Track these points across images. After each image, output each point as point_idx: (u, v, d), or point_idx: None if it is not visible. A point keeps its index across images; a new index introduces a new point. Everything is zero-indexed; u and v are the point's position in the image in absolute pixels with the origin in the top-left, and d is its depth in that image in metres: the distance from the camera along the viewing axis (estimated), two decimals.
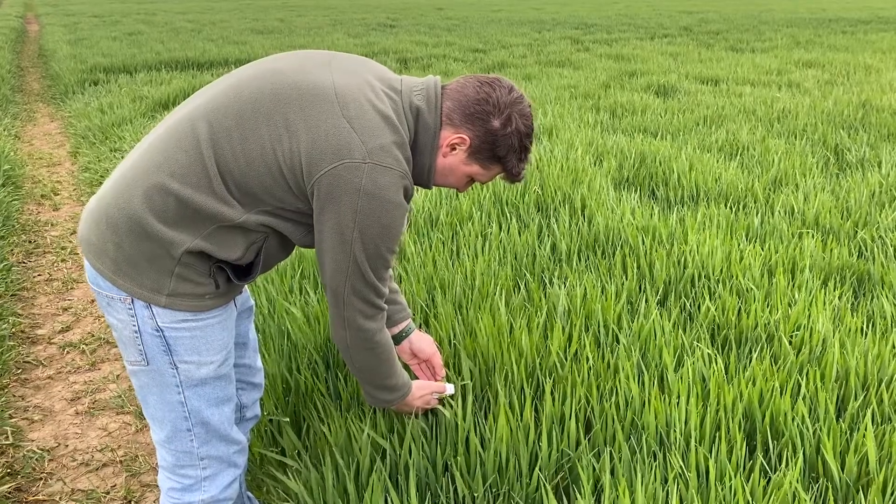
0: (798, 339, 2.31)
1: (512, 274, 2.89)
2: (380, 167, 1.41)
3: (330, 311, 1.57)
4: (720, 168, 4.37)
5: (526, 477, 1.77)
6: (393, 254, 1.53)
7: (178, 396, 1.52)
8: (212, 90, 1.49)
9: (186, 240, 1.41)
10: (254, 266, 1.54)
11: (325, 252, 1.48)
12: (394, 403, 1.78)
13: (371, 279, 1.51)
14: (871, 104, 6.43)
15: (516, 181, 1.65)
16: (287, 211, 1.47)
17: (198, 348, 1.50)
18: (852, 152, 4.89)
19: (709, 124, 5.92)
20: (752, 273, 2.78)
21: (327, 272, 1.51)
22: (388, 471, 1.79)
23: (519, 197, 3.82)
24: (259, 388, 1.91)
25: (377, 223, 1.44)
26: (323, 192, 1.41)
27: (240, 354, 1.81)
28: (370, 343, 1.60)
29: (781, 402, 1.91)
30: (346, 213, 1.42)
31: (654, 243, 3.10)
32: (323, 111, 1.41)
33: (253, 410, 1.91)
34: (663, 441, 1.86)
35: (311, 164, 1.39)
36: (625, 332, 2.34)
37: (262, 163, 1.40)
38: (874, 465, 1.70)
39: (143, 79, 9.12)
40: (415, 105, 1.53)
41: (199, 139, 1.40)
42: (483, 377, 2.08)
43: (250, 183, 1.41)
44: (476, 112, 1.53)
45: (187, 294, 1.46)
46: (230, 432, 1.61)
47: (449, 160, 1.58)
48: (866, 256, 3.16)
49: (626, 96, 7.17)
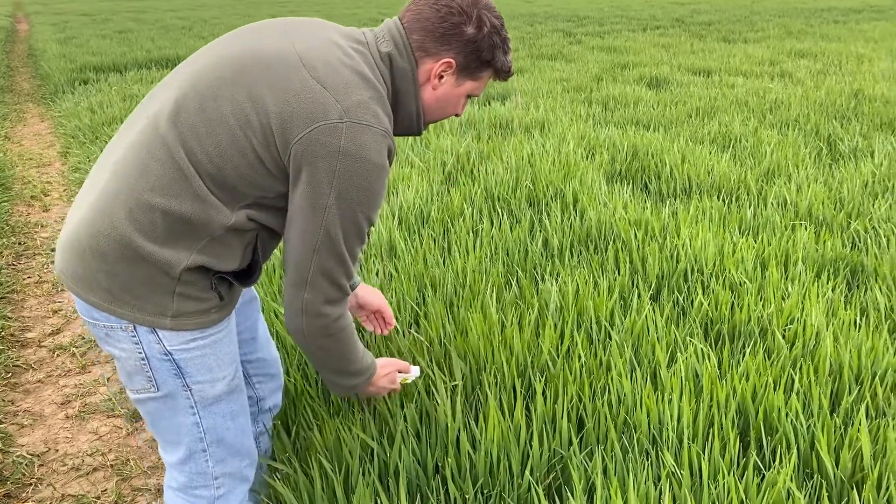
0: (791, 332, 2.29)
1: (503, 270, 2.87)
2: (359, 125, 1.30)
3: (287, 294, 1.42)
4: (713, 160, 4.35)
5: (517, 478, 1.75)
6: (371, 226, 1.41)
7: (193, 418, 1.46)
8: (169, 90, 1.37)
9: (183, 257, 1.33)
10: (254, 265, 1.46)
11: (293, 223, 1.36)
12: (358, 388, 1.64)
13: (343, 254, 1.38)
14: (864, 94, 6.42)
15: (508, 77, 1.54)
16: (269, 199, 1.37)
17: (209, 366, 1.44)
18: (845, 142, 4.88)
19: (701, 116, 5.90)
20: (745, 266, 2.77)
21: (292, 247, 1.37)
22: (377, 473, 1.77)
23: (511, 192, 3.80)
24: (276, 377, 1.87)
25: (357, 186, 1.32)
26: (298, 159, 1.30)
27: (251, 349, 1.77)
28: (330, 330, 1.46)
29: (775, 398, 1.90)
30: (323, 177, 1.30)
31: (646, 237, 3.08)
32: (288, 76, 1.31)
33: (272, 400, 1.89)
34: (656, 439, 1.85)
35: (285, 132, 1.29)
36: (617, 328, 2.32)
37: (233, 149, 1.30)
38: (869, 461, 1.68)
39: (134, 77, 9.07)
40: (384, 52, 1.43)
41: (167, 144, 1.30)
42: (474, 376, 2.06)
43: (225, 173, 1.31)
44: (447, 30, 1.43)
45: (192, 312, 1.38)
46: (244, 444, 1.57)
47: (440, 91, 1.49)
48: (859, 248, 3.14)
49: (619, 89, 7.14)
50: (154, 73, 9.29)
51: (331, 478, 1.73)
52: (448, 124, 5.56)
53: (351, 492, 1.72)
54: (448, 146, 4.68)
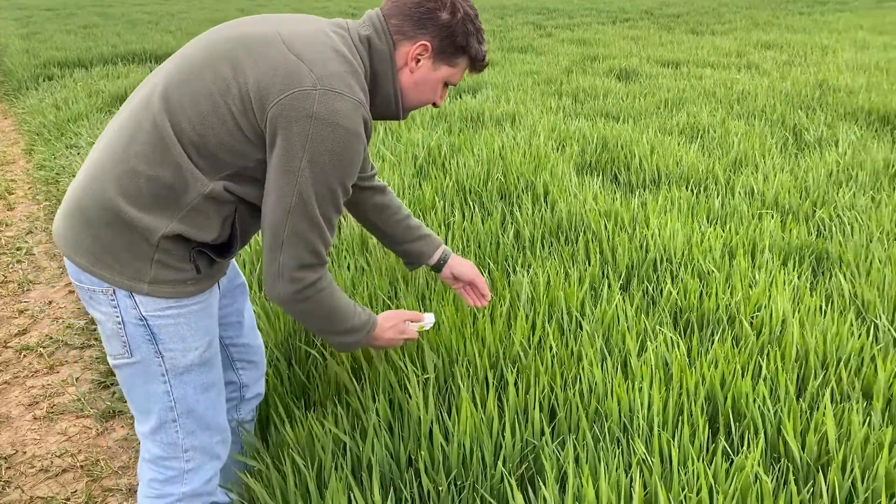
0: (759, 320, 2.33)
1: (475, 262, 2.88)
2: (332, 92, 1.37)
3: (265, 260, 1.47)
4: (681, 151, 4.39)
5: (490, 469, 1.76)
6: (346, 193, 1.46)
7: (164, 386, 1.51)
8: (161, 71, 1.47)
9: (163, 224, 1.40)
10: (232, 240, 1.51)
11: (270, 184, 1.41)
12: (360, 343, 1.71)
13: (316, 218, 1.42)
14: (828, 84, 6.51)
15: (482, 67, 1.63)
16: (247, 168, 1.42)
17: (182, 335, 1.49)
18: (810, 132, 4.95)
19: (670, 107, 5.95)
20: (713, 255, 2.80)
21: (269, 210, 1.42)
22: (350, 467, 1.76)
23: (482, 185, 3.80)
24: (259, 365, 1.91)
25: (329, 151, 1.37)
26: (274, 123, 1.36)
27: (237, 333, 1.82)
28: (306, 294, 1.49)
29: (743, 384, 1.92)
30: (296, 141, 1.36)
31: (616, 228, 3.11)
32: (268, 51, 1.40)
33: (254, 390, 1.92)
34: (627, 427, 1.86)
35: (261, 99, 1.36)
36: (588, 318, 2.34)
37: (214, 117, 1.37)
38: (834, 444, 1.72)
39: (100, 73, 8.91)
40: (363, 35, 1.52)
41: (154, 116, 1.39)
42: (446, 369, 2.07)
43: (207, 142, 1.38)
44: (422, 14, 1.52)
45: (169, 281, 1.44)
46: (215, 420, 1.61)
47: (417, 74, 1.56)
48: (825, 235, 3.20)
49: (589, 81, 7.18)
50: (121, 69, 9.13)
51: (304, 473, 1.73)
52: (419, 117, 5.55)
53: (324, 487, 1.72)
54: (419, 139, 4.67)
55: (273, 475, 1.76)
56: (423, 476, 1.71)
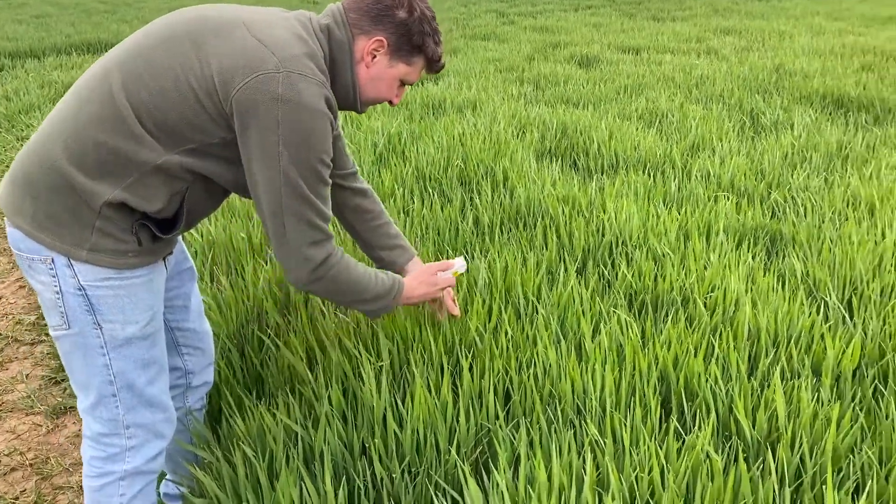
0: (712, 300, 2.34)
1: (434, 250, 2.86)
2: (295, 74, 1.41)
3: (275, 251, 1.55)
4: (639, 136, 4.41)
5: (445, 454, 1.75)
6: (326, 167, 1.51)
7: (103, 359, 1.50)
8: (124, 45, 1.48)
9: (107, 191, 1.40)
10: (178, 217, 1.52)
11: (255, 174, 1.46)
12: (391, 307, 1.80)
13: (307, 195, 1.49)
14: (785, 68, 6.60)
15: (439, 67, 1.68)
16: (211, 146, 1.45)
17: (122, 307, 1.49)
18: (767, 116, 5.01)
19: (629, 93, 5.98)
20: (668, 238, 2.82)
21: (261, 196, 1.48)
22: (302, 457, 1.74)
23: (442, 172, 3.78)
24: (206, 353, 1.89)
25: (300, 130, 1.42)
26: (241, 108, 1.40)
27: (182, 317, 1.80)
28: (321, 272, 1.58)
29: (695, 364, 1.93)
30: (268, 125, 1.40)
31: (573, 213, 3.11)
32: (232, 35, 1.43)
33: (202, 377, 1.90)
34: (580, 409, 1.86)
35: (225, 83, 1.39)
36: (544, 302, 2.34)
37: (175, 93, 1.39)
38: (783, 421, 1.73)
39: (53, 63, 8.71)
40: (323, 24, 1.56)
41: (111, 87, 1.40)
42: (402, 356, 2.05)
43: (168, 116, 1.40)
44: (380, 11, 1.57)
45: (109, 250, 1.44)
46: (157, 397, 1.59)
47: (373, 69, 1.60)
48: (779, 217, 3.23)
49: (550, 68, 7.18)
50: (75, 59, 8.93)
51: (254, 465, 1.70)
52: (380, 105, 5.50)
53: (275, 478, 1.69)
54: (379, 127, 4.63)
55: (224, 467, 1.73)
56: (375, 464, 1.69)
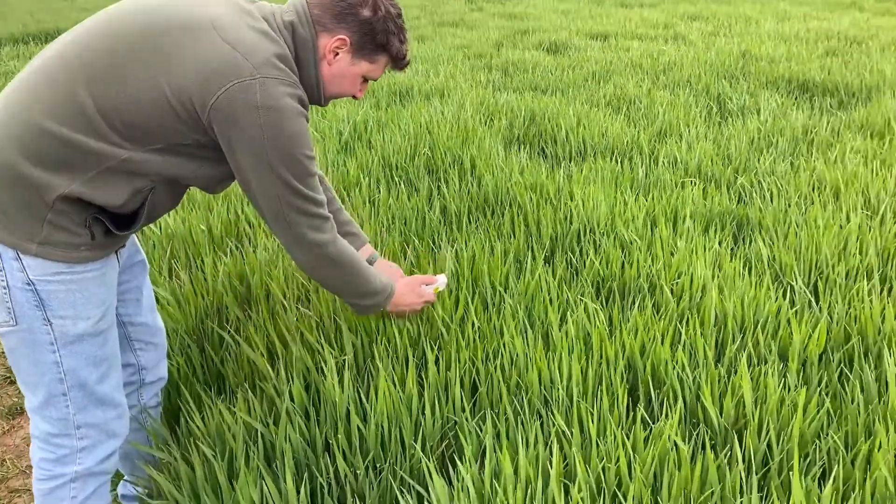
0: (679, 287, 2.33)
1: (400, 240, 2.81)
2: (270, 79, 1.42)
3: (280, 239, 1.60)
4: (607, 122, 4.39)
5: (410, 449, 1.71)
6: (311, 159, 1.54)
7: (53, 356, 1.45)
8: (82, 27, 1.43)
9: (63, 184, 1.35)
10: (137, 215, 1.48)
11: (248, 181, 1.49)
12: (383, 305, 1.86)
13: (302, 190, 1.52)
14: (751, 54, 6.62)
15: (404, 65, 1.69)
16: (181, 146, 1.44)
17: (73, 302, 1.44)
18: (733, 101, 5.02)
19: (597, 79, 5.96)
20: (636, 225, 2.80)
21: (259, 200, 1.52)
22: (263, 456, 1.69)
23: (409, 160, 3.73)
24: (159, 348, 1.83)
25: (284, 133, 1.45)
26: (221, 120, 1.40)
27: (135, 311, 1.74)
28: (329, 256, 1.63)
29: (662, 351, 1.92)
30: (253, 133, 1.42)
31: (541, 200, 3.08)
32: (201, 38, 1.40)
33: (156, 373, 1.84)
34: (548, 400, 1.84)
35: (201, 94, 1.38)
36: (511, 291, 2.30)
37: (145, 95, 1.37)
38: (750, 407, 1.72)
39: (9, 53, 8.49)
40: (287, 21, 1.54)
41: (73, 78, 1.35)
42: (366, 350, 2.00)
43: (136, 116, 1.38)
44: (343, 9, 1.56)
45: (60, 243, 1.39)
46: (109, 395, 1.54)
47: (335, 67, 1.60)
48: (745, 202, 3.24)
49: (518, 54, 7.14)
50: (32, 48, 8.70)
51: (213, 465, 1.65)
52: None
53: (234, 478, 1.65)
54: (345, 115, 4.57)
55: (182, 467, 1.68)
56: (338, 460, 1.65)
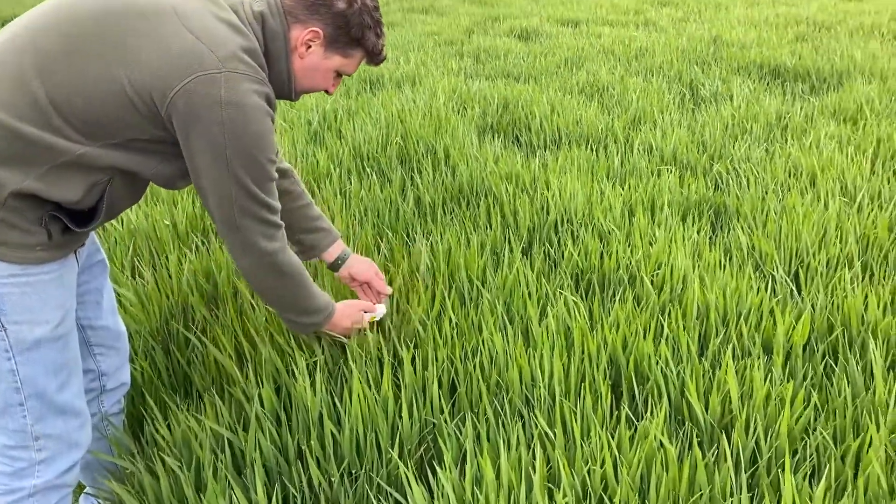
0: (659, 278, 2.28)
1: (373, 233, 2.73)
2: (236, 74, 1.34)
3: (226, 242, 1.51)
4: (581, 110, 4.34)
5: (387, 454, 1.64)
6: (272, 163, 1.46)
7: (9, 364, 1.36)
8: (37, 10, 1.34)
9: (16, 180, 1.27)
10: (96, 211, 1.40)
11: (202, 179, 1.41)
12: (321, 326, 1.75)
13: (258, 195, 1.44)
14: (722, 39, 6.61)
15: (380, 61, 1.61)
16: (139, 141, 1.36)
17: (30, 307, 1.35)
18: (706, 87, 4.99)
19: (570, 66, 5.90)
20: (613, 214, 2.75)
21: (211, 200, 1.43)
22: (232, 465, 1.61)
23: (380, 150, 3.64)
24: (121, 352, 1.73)
25: (247, 132, 1.37)
26: (181, 113, 1.32)
27: (94, 314, 1.64)
28: (276, 265, 1.55)
29: (645, 346, 1.86)
30: (213, 130, 1.34)
31: (517, 190, 3.02)
32: (163, 27, 1.32)
33: (117, 379, 1.73)
34: (529, 399, 1.78)
35: (162, 87, 1.30)
36: (489, 285, 2.24)
37: (102, 88, 1.29)
38: (737, 404, 1.68)
39: None
40: (256, 11, 1.47)
41: (23, 68, 1.27)
42: (336, 351, 1.92)
43: (92, 109, 1.30)
44: (317, 0, 1.48)
45: (14, 244, 1.31)
46: (70, 403, 1.44)
47: (308, 60, 1.52)
48: (722, 189, 3.20)
49: (490, 41, 7.06)
50: None
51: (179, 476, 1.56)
52: None
53: (202, 489, 1.56)
54: (314, 104, 4.46)
55: (146, 479, 1.59)
56: (312, 468, 1.58)
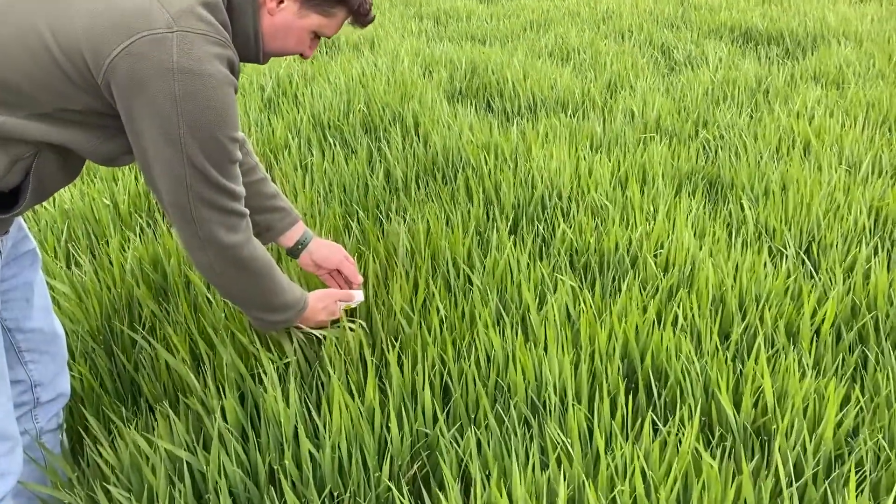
0: (663, 257, 2.07)
1: (342, 211, 2.46)
2: (192, 34, 1.13)
3: (180, 235, 1.29)
4: (554, 74, 4.10)
5: (375, 472, 1.40)
6: (235, 142, 1.25)
7: None
8: None
9: None
10: (20, 192, 1.20)
11: (150, 161, 1.19)
12: (293, 322, 1.52)
13: (218, 180, 1.24)
14: (690, 2, 6.42)
15: (367, 21, 1.38)
16: (71, 112, 1.15)
17: None
18: (679, 50, 4.80)
19: (536, 29, 5.65)
20: (604, 187, 2.53)
21: (161, 186, 1.22)
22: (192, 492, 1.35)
23: (343, 117, 3.35)
24: (57, 358, 1.46)
25: (206, 107, 1.16)
26: (122, 81, 1.11)
27: (23, 315, 1.38)
28: (240, 260, 1.33)
29: (663, 338, 1.65)
30: (164, 103, 1.13)
31: (497, 162, 2.77)
32: None
33: (53, 390, 1.46)
34: (535, 403, 1.55)
35: (97, 48, 1.10)
36: (478, 270, 2.00)
37: (21, 48, 1.10)
38: (773, 405, 1.48)
39: None
40: None
41: None
42: (310, 352, 1.67)
43: (11, 76, 1.10)
44: None
45: None
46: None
47: (279, 18, 1.30)
48: (712, 158, 3.01)
49: (450, 3, 6.75)
50: None
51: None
52: None
53: None
54: (266, 68, 4.12)
55: None
56: (287, 493, 1.33)
